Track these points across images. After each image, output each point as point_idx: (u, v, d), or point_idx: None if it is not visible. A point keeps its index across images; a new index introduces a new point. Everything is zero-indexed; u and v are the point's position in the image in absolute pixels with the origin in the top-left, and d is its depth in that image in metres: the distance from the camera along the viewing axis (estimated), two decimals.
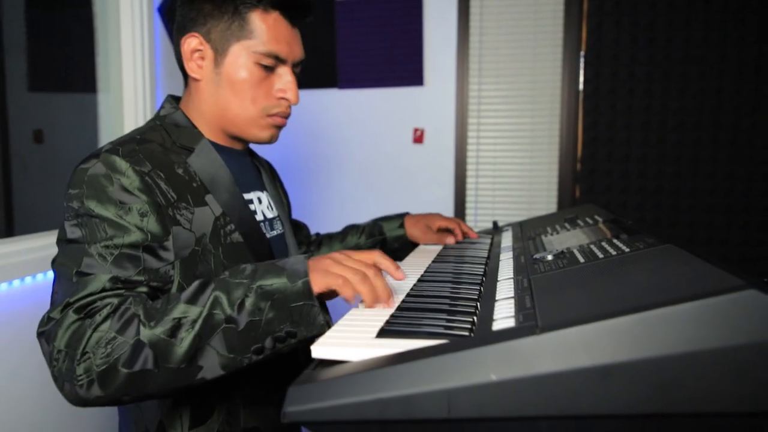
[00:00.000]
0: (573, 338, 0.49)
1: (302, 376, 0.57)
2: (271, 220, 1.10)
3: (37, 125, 2.31)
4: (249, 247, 0.98)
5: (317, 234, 1.47)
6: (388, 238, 1.40)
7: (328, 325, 0.77)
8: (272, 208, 1.13)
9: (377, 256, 0.84)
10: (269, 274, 0.78)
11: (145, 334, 0.74)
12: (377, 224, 1.43)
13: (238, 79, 0.98)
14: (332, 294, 0.81)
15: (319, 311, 0.77)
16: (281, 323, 0.76)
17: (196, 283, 0.79)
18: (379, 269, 0.82)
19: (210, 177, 0.97)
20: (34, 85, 2.33)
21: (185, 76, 1.05)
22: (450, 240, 1.40)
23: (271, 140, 1.05)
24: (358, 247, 1.39)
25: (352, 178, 2.68)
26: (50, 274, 1.69)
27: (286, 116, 1.04)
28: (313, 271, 0.79)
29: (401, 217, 1.43)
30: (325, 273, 0.78)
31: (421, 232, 1.40)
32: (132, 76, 2.12)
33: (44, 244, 1.71)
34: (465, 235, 1.43)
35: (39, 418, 1.65)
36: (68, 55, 2.30)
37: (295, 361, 1.06)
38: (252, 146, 1.22)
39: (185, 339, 0.74)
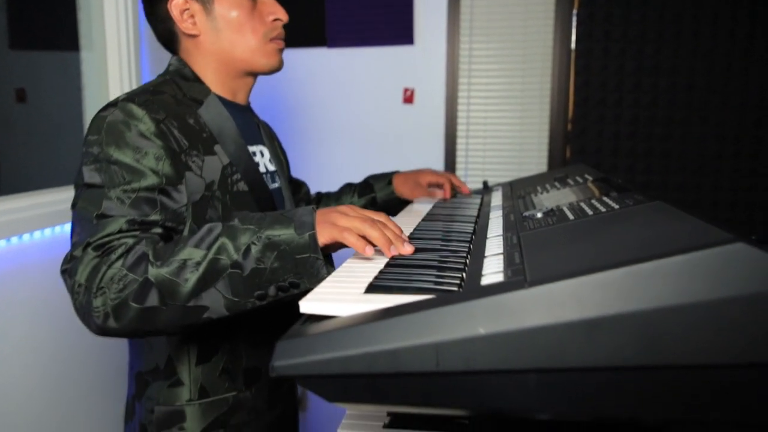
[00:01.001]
0: (562, 292, 0.49)
1: (290, 330, 0.57)
2: (272, 173, 1.15)
3: (19, 84, 2.26)
4: (254, 196, 1.03)
5: (318, 193, 1.50)
6: (378, 196, 1.42)
7: None
8: (272, 163, 1.17)
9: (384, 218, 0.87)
10: (277, 224, 0.81)
11: (152, 272, 0.79)
12: (368, 182, 1.45)
13: (234, 17, 1.05)
14: (337, 246, 0.84)
15: (323, 264, 0.80)
16: (285, 273, 0.80)
17: (204, 228, 0.84)
18: (388, 218, 0.85)
19: (218, 128, 1.02)
20: (16, 43, 2.27)
21: (169, 45, 1.09)
22: (440, 194, 1.40)
23: (280, 66, 1.11)
24: None
25: (340, 138, 2.66)
26: (37, 234, 1.68)
27: (283, 38, 1.11)
28: (320, 224, 0.82)
29: (390, 175, 1.44)
30: (332, 225, 0.81)
31: (409, 189, 1.41)
32: (115, 33, 2.07)
33: (30, 204, 1.69)
34: (456, 189, 1.44)
35: (35, 375, 1.66)
36: (50, 12, 2.25)
37: (290, 312, 1.09)
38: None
39: (190, 280, 0.79)
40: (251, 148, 1.10)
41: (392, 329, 0.52)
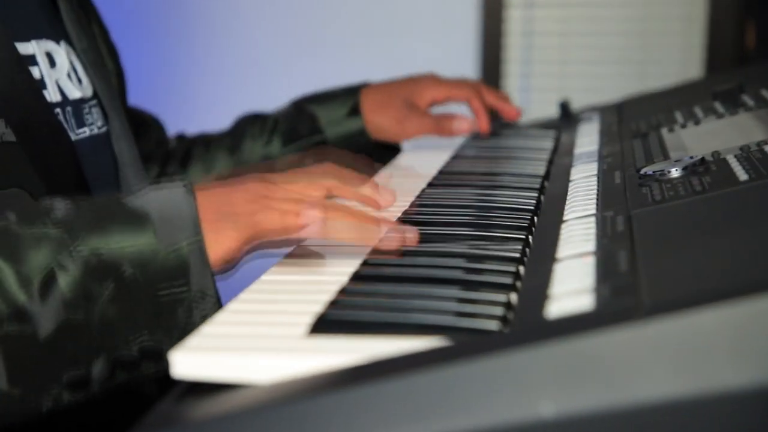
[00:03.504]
0: (711, 331, 0.52)
1: (154, 415, 0.59)
2: (77, 105, 1.12)
3: None
4: (31, 154, 0.99)
5: (181, 137, 1.48)
6: (330, 138, 1.40)
7: None
8: (78, 79, 1.15)
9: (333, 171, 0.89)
10: (113, 221, 0.80)
11: None
12: (305, 111, 1.43)
13: None
14: (241, 254, 0.85)
15: (215, 303, 0.80)
16: (133, 331, 0.78)
17: None
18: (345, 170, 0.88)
19: None
20: None
21: None
22: (461, 126, 1.40)
23: None
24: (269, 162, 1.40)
25: (266, 19, 2.66)
26: None
27: None
28: (209, 217, 0.81)
29: (354, 94, 1.45)
30: (233, 218, 0.81)
31: (394, 119, 1.42)
32: None
33: None
34: (498, 114, 1.44)
35: None
36: None
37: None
38: None
39: None
40: (24, 48, 1.09)
41: (366, 408, 0.54)
